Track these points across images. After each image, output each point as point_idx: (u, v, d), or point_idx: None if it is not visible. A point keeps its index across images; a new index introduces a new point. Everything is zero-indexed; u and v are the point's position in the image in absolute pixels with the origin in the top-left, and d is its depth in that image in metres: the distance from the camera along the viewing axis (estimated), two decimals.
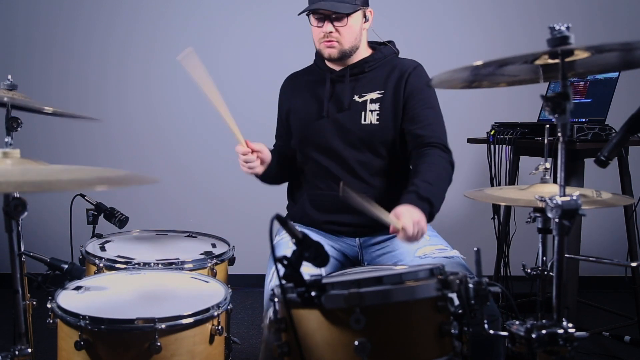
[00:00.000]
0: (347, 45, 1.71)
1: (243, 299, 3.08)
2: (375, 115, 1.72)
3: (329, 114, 1.75)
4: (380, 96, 1.73)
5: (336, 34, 1.68)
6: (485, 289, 1.00)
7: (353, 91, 1.75)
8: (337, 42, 1.70)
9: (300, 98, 1.84)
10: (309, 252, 0.98)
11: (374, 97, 1.73)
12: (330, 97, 1.77)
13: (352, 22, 1.68)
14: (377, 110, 1.72)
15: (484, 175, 2.57)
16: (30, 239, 1.53)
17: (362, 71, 1.76)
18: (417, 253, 1.63)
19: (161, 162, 3.34)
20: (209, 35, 3.33)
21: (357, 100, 1.74)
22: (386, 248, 1.74)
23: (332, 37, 1.69)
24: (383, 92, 1.73)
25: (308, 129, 1.79)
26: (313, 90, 1.81)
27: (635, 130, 1.25)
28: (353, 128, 1.73)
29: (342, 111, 1.74)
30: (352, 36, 1.71)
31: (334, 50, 1.71)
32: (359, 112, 1.73)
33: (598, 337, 2.54)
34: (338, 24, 1.67)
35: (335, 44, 1.70)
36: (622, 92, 2.34)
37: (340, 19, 1.67)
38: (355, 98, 1.74)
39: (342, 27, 1.68)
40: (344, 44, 1.70)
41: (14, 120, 1.52)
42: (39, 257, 1.46)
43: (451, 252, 1.63)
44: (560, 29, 0.96)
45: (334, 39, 1.69)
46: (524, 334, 0.97)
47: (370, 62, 1.76)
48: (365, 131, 1.72)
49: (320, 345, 0.95)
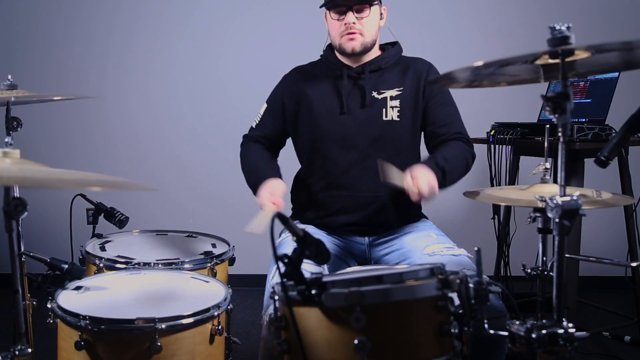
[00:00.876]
0: (369, 38, 1.72)
1: (243, 299, 3.08)
2: (396, 111, 1.73)
3: (349, 110, 1.75)
4: (399, 93, 1.74)
5: (358, 25, 1.69)
6: (485, 288, 1.00)
7: (372, 88, 1.75)
8: (359, 33, 1.69)
9: (315, 92, 1.80)
10: (310, 250, 0.98)
11: (394, 94, 1.73)
12: (349, 94, 1.76)
13: (372, 14, 1.70)
14: (398, 107, 1.73)
15: (484, 175, 2.57)
16: (30, 239, 1.53)
17: (379, 68, 1.77)
18: (425, 250, 1.64)
19: (161, 162, 3.33)
20: (210, 35, 3.33)
21: (376, 97, 1.74)
22: (394, 246, 1.75)
23: (354, 28, 1.69)
24: (402, 90, 1.74)
25: (327, 124, 1.77)
26: (329, 86, 1.79)
27: (635, 130, 1.25)
28: (374, 124, 1.73)
29: (363, 107, 1.74)
30: (374, 28, 1.72)
31: (356, 43, 1.70)
32: (379, 109, 1.73)
33: (598, 337, 2.54)
34: (360, 15, 1.68)
35: (358, 36, 1.70)
36: (622, 92, 2.34)
37: (363, 10, 1.68)
38: (374, 94, 1.74)
39: (365, 18, 1.68)
40: (366, 35, 1.70)
41: (14, 120, 1.52)
42: (39, 257, 1.46)
43: (458, 250, 1.65)
44: (560, 28, 0.96)
45: (357, 31, 1.69)
46: (524, 334, 0.97)
47: (386, 59, 1.77)
48: (387, 127, 1.73)
49: (320, 343, 0.95)
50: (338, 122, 1.75)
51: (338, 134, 1.75)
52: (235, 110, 3.29)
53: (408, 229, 1.78)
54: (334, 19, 1.71)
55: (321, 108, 1.78)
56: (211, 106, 3.35)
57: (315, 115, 1.79)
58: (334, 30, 1.73)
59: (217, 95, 3.34)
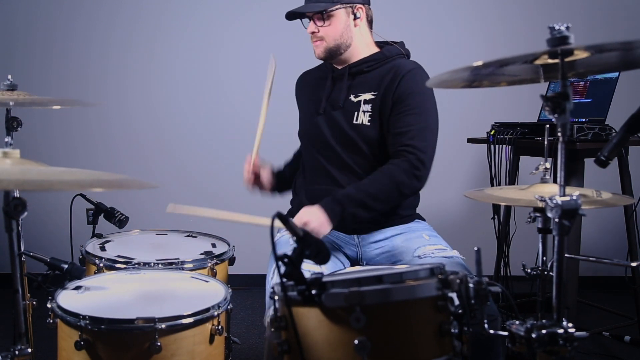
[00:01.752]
0: (332, 44, 1.72)
1: (243, 299, 3.08)
2: (367, 115, 1.71)
3: (325, 111, 1.77)
4: (373, 97, 1.72)
5: (319, 33, 1.72)
6: (485, 288, 1.00)
7: (349, 90, 1.76)
8: (321, 40, 1.73)
9: (306, 95, 1.89)
10: (310, 250, 0.98)
11: (368, 98, 1.73)
12: (329, 95, 1.78)
13: (333, 20, 1.70)
14: (370, 111, 1.71)
15: (484, 175, 2.57)
16: (30, 239, 1.52)
17: (361, 71, 1.76)
18: (416, 253, 1.63)
19: (161, 162, 3.33)
20: (210, 35, 3.33)
21: (352, 100, 1.74)
22: (385, 247, 1.74)
23: (315, 36, 1.73)
24: (376, 94, 1.72)
25: (307, 124, 1.84)
26: (316, 88, 1.84)
27: (635, 130, 1.25)
28: (345, 127, 1.73)
29: (336, 109, 1.75)
30: (336, 34, 1.72)
31: (319, 50, 1.74)
32: (352, 112, 1.73)
33: (598, 337, 2.54)
34: (318, 23, 1.71)
35: (319, 43, 1.73)
36: (622, 92, 2.34)
37: (319, 18, 1.71)
38: (351, 97, 1.75)
39: (323, 26, 1.71)
40: (327, 42, 1.72)
41: (14, 120, 1.52)
42: (39, 257, 1.46)
43: (451, 252, 1.63)
44: (560, 28, 0.96)
45: (318, 38, 1.73)
46: (524, 333, 0.97)
47: (369, 62, 1.76)
48: (356, 131, 1.72)
49: (320, 343, 0.95)
50: (314, 122, 1.79)
51: (313, 135, 1.80)
52: (235, 110, 3.30)
53: (399, 230, 1.76)
54: (304, 27, 1.77)
55: (306, 109, 1.87)
56: (211, 106, 3.35)
57: (301, 116, 1.90)
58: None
59: (217, 95, 3.34)
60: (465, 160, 3.19)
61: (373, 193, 1.60)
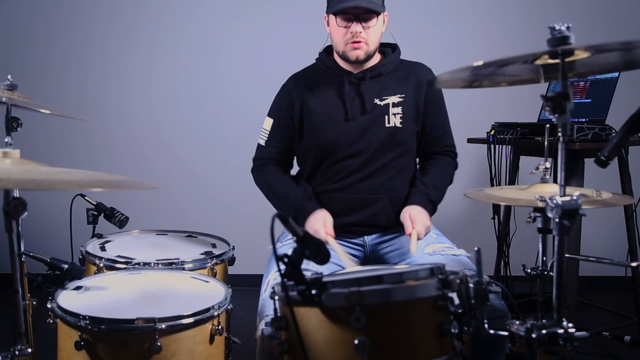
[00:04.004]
0: (373, 47, 1.71)
1: (243, 299, 3.07)
2: (398, 118, 1.74)
3: (353, 116, 1.74)
4: (401, 100, 1.74)
5: (364, 34, 1.67)
6: (485, 288, 1.00)
7: (373, 94, 1.75)
8: (365, 43, 1.68)
9: (317, 99, 1.79)
10: (310, 250, 0.98)
11: (396, 101, 1.74)
12: (352, 100, 1.75)
13: (379, 23, 1.69)
14: (400, 113, 1.74)
15: (484, 175, 2.57)
16: (30, 239, 1.52)
17: (380, 74, 1.76)
18: (425, 250, 1.65)
19: (161, 162, 3.33)
20: (210, 35, 3.33)
21: (378, 104, 1.74)
22: (394, 245, 1.76)
23: (360, 37, 1.67)
24: (404, 96, 1.75)
25: (331, 131, 1.76)
26: (331, 92, 1.78)
27: (635, 130, 1.25)
28: (378, 130, 1.73)
29: (365, 114, 1.74)
30: (377, 37, 1.72)
31: (361, 52, 1.69)
32: (382, 115, 1.73)
33: (598, 337, 2.54)
34: (367, 24, 1.66)
35: (363, 45, 1.68)
36: (622, 92, 2.34)
37: (370, 19, 1.66)
38: (376, 101, 1.75)
39: (371, 28, 1.67)
40: (370, 44, 1.70)
41: (14, 120, 1.52)
42: (39, 257, 1.46)
43: (457, 250, 1.66)
44: (560, 29, 0.96)
45: (362, 40, 1.68)
46: (524, 333, 0.97)
47: (386, 65, 1.77)
48: (390, 133, 1.74)
49: (320, 343, 0.95)
50: (342, 128, 1.75)
51: (342, 141, 1.75)
52: (235, 110, 3.30)
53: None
54: (340, 26, 1.69)
55: (324, 115, 1.77)
56: (211, 106, 3.35)
57: (319, 122, 1.77)
58: (338, 37, 1.71)
59: (217, 95, 3.35)
60: (465, 160, 3.16)
61: (443, 187, 1.81)
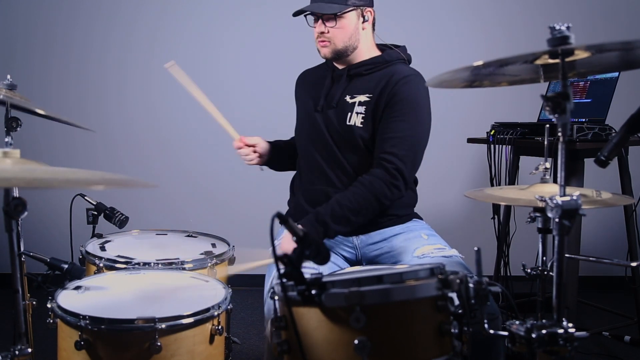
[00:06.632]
0: (340, 45, 1.72)
1: (243, 299, 3.08)
2: (360, 117, 1.72)
3: (322, 109, 1.78)
4: (368, 99, 1.73)
5: (328, 34, 1.71)
6: (485, 288, 1.00)
7: (345, 91, 1.76)
8: (328, 41, 1.72)
9: (305, 92, 1.88)
10: (310, 250, 0.98)
11: (362, 100, 1.73)
12: (327, 93, 1.79)
13: (344, 22, 1.70)
14: (363, 113, 1.72)
15: (484, 175, 2.57)
16: (30, 239, 1.52)
17: (360, 73, 1.76)
18: (415, 253, 1.64)
19: (161, 162, 3.33)
20: (210, 35, 3.33)
21: (347, 101, 1.75)
22: (384, 248, 1.75)
23: (324, 37, 1.72)
24: (371, 96, 1.72)
25: (304, 121, 1.84)
26: (316, 86, 1.84)
27: (635, 130, 1.25)
28: (338, 127, 1.75)
29: (331, 108, 1.76)
30: (345, 36, 1.71)
31: (327, 50, 1.74)
32: (345, 112, 1.74)
33: (598, 337, 2.54)
34: (329, 24, 1.70)
35: (327, 44, 1.72)
36: (622, 92, 2.34)
37: (330, 20, 1.69)
38: (346, 98, 1.75)
39: (333, 28, 1.70)
40: (336, 43, 1.72)
41: (14, 120, 1.52)
42: (39, 257, 1.46)
43: (450, 251, 1.64)
44: (560, 28, 0.96)
45: (326, 39, 1.72)
46: (524, 333, 0.97)
47: (368, 65, 1.76)
48: (349, 132, 1.73)
49: (320, 343, 0.95)
50: (312, 120, 1.80)
51: (310, 131, 1.80)
52: (235, 110, 3.27)
53: (398, 230, 1.77)
54: (310, 25, 1.76)
55: (304, 107, 1.86)
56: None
57: (300, 112, 1.89)
58: (314, 36, 1.77)
59: (217, 95, 3.32)
60: (465, 160, 3.19)
61: (355, 208, 1.63)
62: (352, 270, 1.49)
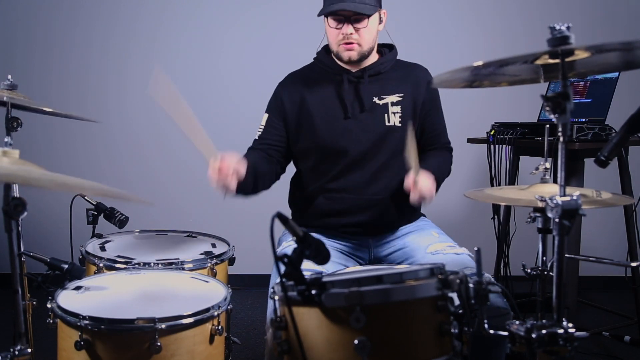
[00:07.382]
0: (366, 47, 1.71)
1: (243, 299, 3.08)
2: (397, 117, 1.74)
3: (353, 114, 1.74)
4: (400, 99, 1.75)
5: (356, 35, 1.67)
6: (485, 288, 1.00)
7: (372, 93, 1.75)
8: (357, 44, 1.68)
9: (315, 97, 1.78)
10: (310, 250, 0.98)
11: (395, 100, 1.75)
12: (354, 99, 1.75)
13: (371, 23, 1.68)
14: (399, 113, 1.74)
15: (484, 175, 2.57)
16: (30, 239, 1.52)
17: (378, 72, 1.77)
18: (428, 249, 1.66)
19: (161, 162, 3.33)
20: (210, 35, 3.33)
21: (377, 103, 1.75)
22: (397, 245, 1.76)
23: (352, 38, 1.67)
24: (402, 96, 1.75)
25: (331, 129, 1.75)
26: (330, 90, 1.77)
27: (635, 130, 1.25)
28: (377, 129, 1.74)
29: (364, 112, 1.74)
30: (371, 38, 1.71)
31: (353, 53, 1.69)
32: (381, 114, 1.74)
33: (598, 337, 2.54)
34: (358, 25, 1.66)
35: (355, 46, 1.69)
36: (622, 92, 2.34)
37: (361, 20, 1.65)
38: (375, 100, 1.75)
39: (363, 29, 1.67)
40: (363, 45, 1.70)
41: (14, 120, 1.52)
42: (39, 257, 1.46)
43: (459, 249, 1.66)
44: (560, 28, 0.96)
45: (354, 41, 1.68)
46: (524, 334, 0.97)
47: (384, 64, 1.78)
48: (389, 132, 1.74)
49: (320, 343, 0.95)
50: (342, 126, 1.74)
51: (342, 139, 1.74)
52: (235, 110, 3.29)
53: (409, 228, 1.80)
54: (331, 27, 1.69)
55: (323, 113, 1.76)
56: (211, 106, 3.34)
57: (318, 120, 1.76)
58: (331, 38, 1.72)
59: (217, 95, 3.34)
60: (465, 161, 3.18)
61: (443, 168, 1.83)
62: (352, 270, 1.49)
